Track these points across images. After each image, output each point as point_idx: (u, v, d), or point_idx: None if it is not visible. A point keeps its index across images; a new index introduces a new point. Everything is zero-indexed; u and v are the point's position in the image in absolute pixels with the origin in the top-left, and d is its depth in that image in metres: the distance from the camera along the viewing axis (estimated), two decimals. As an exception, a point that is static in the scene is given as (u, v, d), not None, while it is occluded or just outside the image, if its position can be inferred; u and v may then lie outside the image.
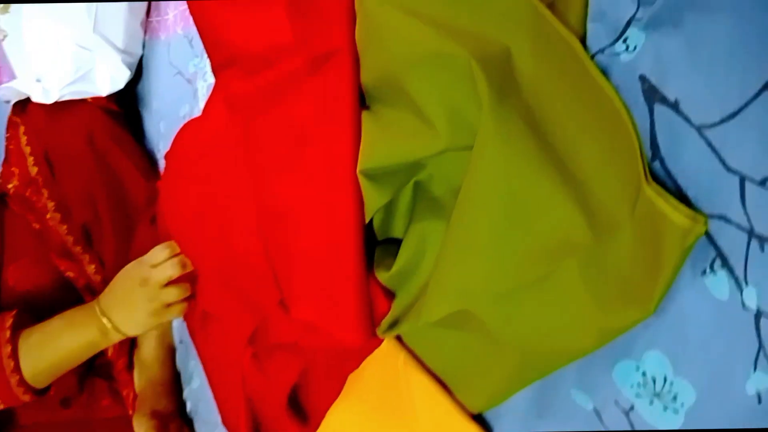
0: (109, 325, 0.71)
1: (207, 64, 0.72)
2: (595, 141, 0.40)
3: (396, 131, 0.48)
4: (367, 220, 0.51)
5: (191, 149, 0.72)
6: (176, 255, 0.71)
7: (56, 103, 0.85)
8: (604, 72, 0.40)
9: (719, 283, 0.36)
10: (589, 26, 0.41)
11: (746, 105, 0.33)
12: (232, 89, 0.61)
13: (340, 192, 0.51)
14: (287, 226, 0.56)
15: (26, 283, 0.81)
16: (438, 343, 0.51)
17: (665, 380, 0.39)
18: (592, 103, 0.40)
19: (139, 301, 0.70)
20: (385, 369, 0.55)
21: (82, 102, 0.88)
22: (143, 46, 0.93)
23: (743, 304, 0.34)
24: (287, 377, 0.62)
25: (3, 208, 0.86)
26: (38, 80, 0.88)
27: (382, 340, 0.55)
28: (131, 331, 0.72)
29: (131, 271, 0.71)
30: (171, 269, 0.69)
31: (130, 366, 0.86)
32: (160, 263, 0.70)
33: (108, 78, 0.88)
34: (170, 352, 0.87)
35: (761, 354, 0.34)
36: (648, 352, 0.39)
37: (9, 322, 0.72)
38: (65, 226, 0.84)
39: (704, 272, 0.36)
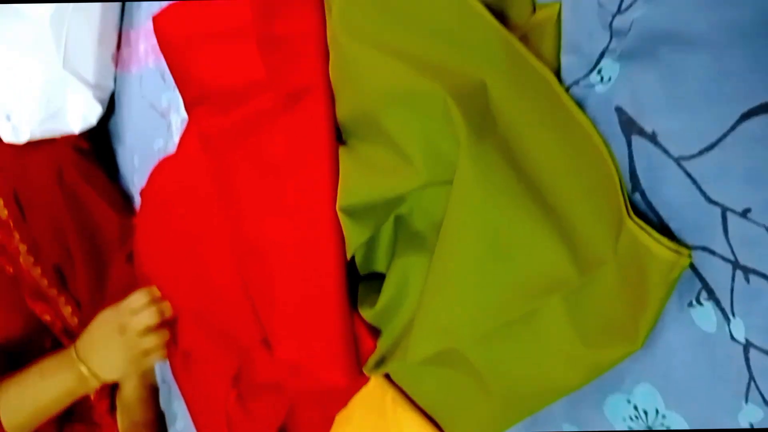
0: (87, 372, 0.69)
1: (180, 97, 0.71)
2: (574, 174, 0.39)
3: (374, 167, 0.47)
4: (348, 257, 0.50)
5: (167, 186, 0.71)
6: (154, 301, 0.70)
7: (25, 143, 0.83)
8: (580, 104, 0.39)
9: (706, 315, 0.35)
10: (563, 58, 0.41)
11: (724, 137, 0.33)
12: (205, 127, 0.60)
13: (320, 229, 0.50)
14: (267, 265, 0.55)
15: (0, 332, 0.79)
16: (426, 381, 0.50)
17: (657, 413, 0.38)
18: (569, 136, 0.39)
19: (117, 348, 0.68)
20: (373, 407, 0.54)
21: (50, 140, 0.86)
22: (114, 80, 0.92)
23: (731, 336, 0.34)
24: (273, 418, 0.61)
25: None
26: (8, 118, 0.86)
27: (368, 379, 0.54)
28: (110, 378, 0.71)
29: (109, 317, 0.70)
30: (150, 317, 0.68)
31: (112, 408, 0.84)
32: (138, 310, 0.68)
33: (80, 115, 0.87)
34: (153, 392, 0.85)
35: (752, 386, 0.34)
36: (638, 385, 0.39)
37: None
38: (39, 269, 0.83)
39: (691, 304, 0.36)
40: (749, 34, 0.32)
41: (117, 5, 0.90)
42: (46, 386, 0.70)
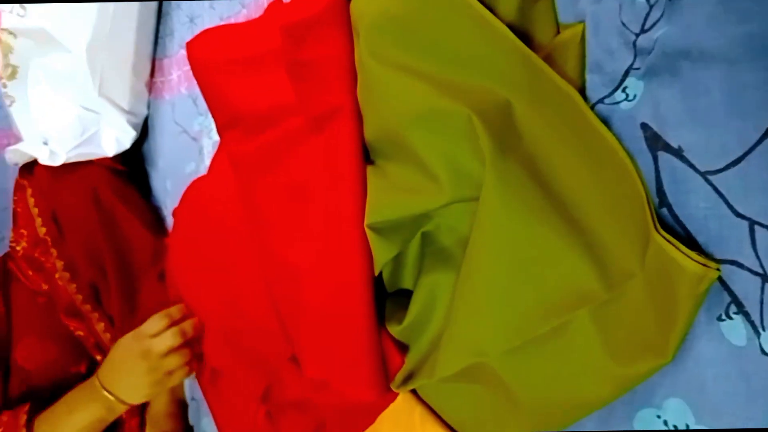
0: (113, 399, 0.71)
1: (212, 121, 0.73)
2: (600, 190, 0.40)
3: (401, 185, 0.48)
4: (376, 274, 0.51)
5: (199, 206, 0.72)
6: (174, 322, 0.71)
7: (62, 164, 0.86)
8: (605, 121, 0.40)
9: (736, 328, 0.35)
10: (588, 77, 0.41)
11: (750, 150, 0.33)
12: (236, 149, 0.62)
13: (348, 247, 0.51)
14: (295, 284, 0.56)
15: (34, 361, 0.81)
16: (454, 397, 0.50)
17: (687, 428, 0.38)
18: (595, 153, 0.40)
19: (140, 372, 0.69)
20: (401, 424, 0.54)
21: (87, 162, 0.89)
22: (148, 107, 0.95)
23: (761, 350, 0.34)
24: (302, 435, 0.61)
25: (9, 281, 0.86)
26: (45, 143, 0.90)
27: (396, 395, 0.54)
28: (136, 401, 0.72)
29: (130, 344, 0.71)
30: (171, 339, 0.69)
31: (142, 425, 0.85)
32: (158, 333, 0.70)
33: (113, 139, 0.89)
34: (182, 407, 0.86)
35: (784, 400, 0.33)
36: (668, 400, 0.39)
37: (23, 419, 0.73)
38: (74, 285, 0.85)
39: (720, 318, 0.36)
40: (766, 48, 0.32)
41: (151, 36, 0.93)
42: (76, 420, 0.72)
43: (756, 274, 0.34)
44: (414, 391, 0.54)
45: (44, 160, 0.86)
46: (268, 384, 0.64)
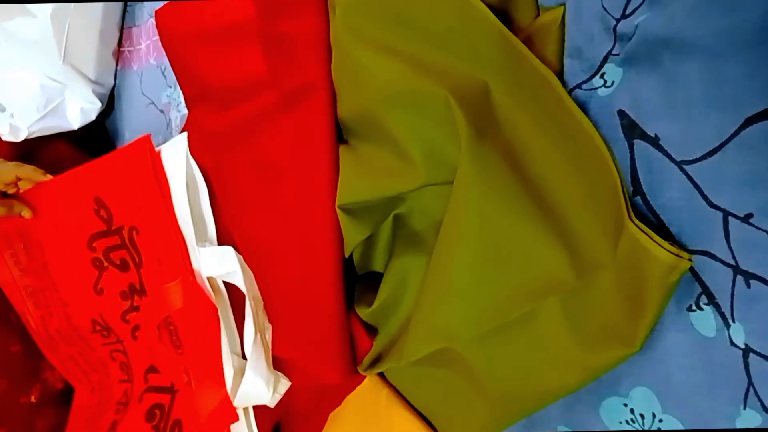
0: None
1: (180, 94, 0.71)
2: (575, 177, 0.39)
3: (374, 166, 0.47)
4: (346, 255, 0.50)
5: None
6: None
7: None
8: (583, 107, 0.39)
9: (705, 319, 0.35)
10: (566, 62, 0.41)
11: (726, 142, 0.33)
12: (205, 124, 0.60)
13: (318, 228, 0.50)
14: (265, 263, 0.55)
15: None
16: (421, 381, 0.50)
17: (654, 417, 0.38)
18: (571, 139, 0.39)
19: None
20: (366, 406, 0.54)
21: (46, 141, 0.85)
22: (115, 77, 0.92)
23: (731, 341, 0.34)
24: (268, 416, 0.60)
25: None
26: (2, 110, 0.86)
27: (363, 377, 0.54)
28: None
29: None
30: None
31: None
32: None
33: (78, 110, 0.86)
34: None
35: (751, 391, 0.34)
36: (635, 389, 0.39)
37: None
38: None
39: (690, 308, 0.36)
40: (748, 41, 0.32)
41: (120, 3, 0.89)
42: None
43: (728, 265, 0.34)
44: (381, 374, 0.53)
45: (5, 135, 0.82)
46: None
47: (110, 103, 0.92)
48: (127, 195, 0.63)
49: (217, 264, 0.57)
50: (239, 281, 0.56)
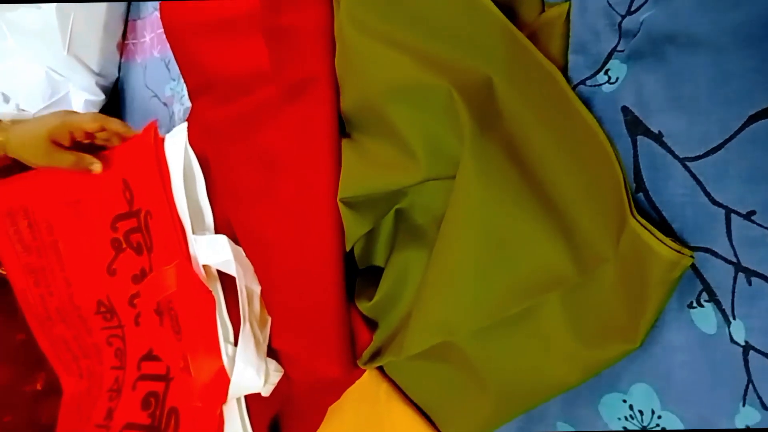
0: (2, 139, 0.66)
1: (184, 87, 0.71)
2: (578, 172, 0.39)
3: (376, 160, 0.47)
4: (348, 249, 0.50)
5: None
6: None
7: None
8: (586, 103, 0.39)
9: (706, 316, 0.35)
10: (571, 57, 0.41)
11: (730, 139, 0.33)
12: (208, 116, 0.60)
13: (319, 221, 0.50)
14: (265, 256, 0.55)
15: None
16: (421, 375, 0.50)
17: (653, 413, 0.38)
18: (574, 134, 0.39)
19: (40, 134, 0.63)
20: (366, 400, 0.54)
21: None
22: (119, 69, 0.92)
23: (731, 338, 0.34)
24: (267, 409, 0.60)
25: None
26: (6, 100, 0.86)
27: (363, 371, 0.53)
28: (20, 155, 0.66)
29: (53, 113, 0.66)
30: (91, 122, 0.64)
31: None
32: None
33: (82, 102, 0.86)
34: None
35: (750, 388, 0.34)
36: (635, 385, 0.39)
37: None
38: None
39: (691, 305, 0.36)
40: (754, 36, 0.32)
41: (124, -6, 0.89)
42: None
43: (729, 262, 0.34)
44: (381, 368, 0.53)
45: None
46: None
47: (114, 96, 0.92)
48: (142, 179, 0.63)
49: (211, 252, 0.58)
50: (232, 270, 0.56)
